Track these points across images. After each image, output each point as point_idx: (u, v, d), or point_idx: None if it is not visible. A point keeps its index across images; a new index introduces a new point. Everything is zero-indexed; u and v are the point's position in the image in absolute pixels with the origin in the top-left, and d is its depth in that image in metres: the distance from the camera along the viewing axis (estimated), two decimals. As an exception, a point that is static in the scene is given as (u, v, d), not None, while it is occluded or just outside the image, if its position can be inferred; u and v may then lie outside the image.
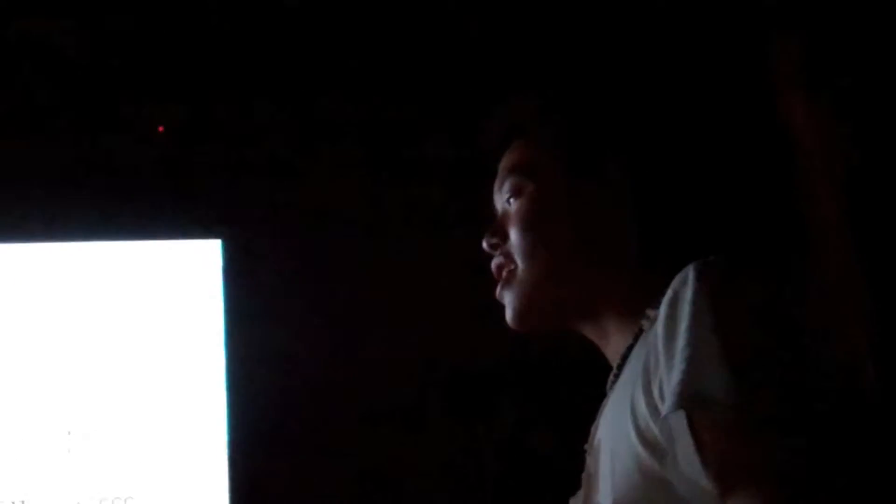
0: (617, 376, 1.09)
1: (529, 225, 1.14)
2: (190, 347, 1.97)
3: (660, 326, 0.94)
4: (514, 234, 1.15)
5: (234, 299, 1.99)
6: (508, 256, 1.16)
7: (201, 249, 2.00)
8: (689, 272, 0.94)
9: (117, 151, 2.08)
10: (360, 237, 2.16)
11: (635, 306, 1.07)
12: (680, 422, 0.88)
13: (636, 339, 1.06)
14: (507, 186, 1.17)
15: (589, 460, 1.11)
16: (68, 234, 1.98)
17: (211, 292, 1.98)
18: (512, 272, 1.16)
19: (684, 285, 0.93)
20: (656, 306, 1.01)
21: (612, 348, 1.13)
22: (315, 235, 2.15)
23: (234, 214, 2.09)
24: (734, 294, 0.92)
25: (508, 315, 1.16)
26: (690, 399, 0.87)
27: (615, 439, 1.01)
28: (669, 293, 0.95)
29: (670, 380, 0.90)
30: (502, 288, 1.17)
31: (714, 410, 0.86)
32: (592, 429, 1.12)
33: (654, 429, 0.92)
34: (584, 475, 1.13)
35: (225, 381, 1.96)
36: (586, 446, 1.13)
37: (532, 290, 1.14)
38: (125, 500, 1.90)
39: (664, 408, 0.90)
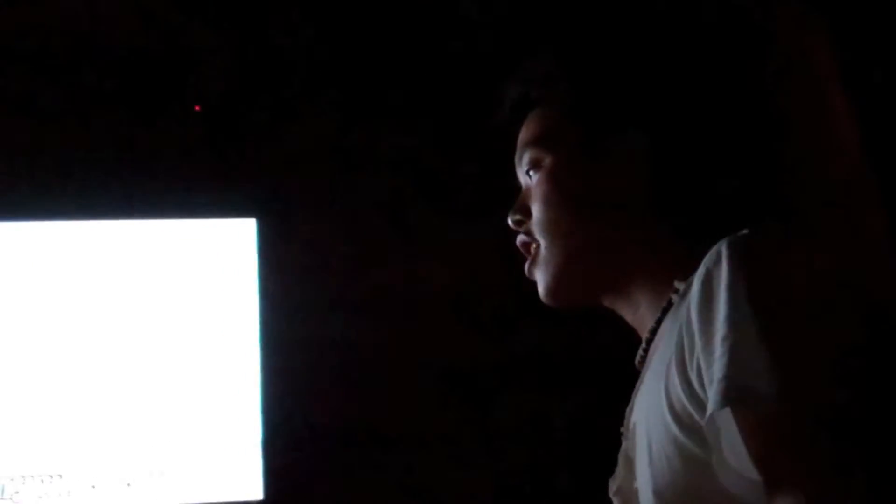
0: (646, 352, 1.07)
1: (549, 201, 1.10)
2: (224, 324, 1.98)
3: (693, 309, 0.90)
4: (535, 211, 1.12)
5: (268, 278, 2.00)
6: (531, 234, 1.13)
7: (236, 228, 2.01)
8: (723, 249, 0.89)
9: (154, 131, 2.09)
10: (394, 216, 2.17)
11: (664, 277, 1.04)
12: (726, 419, 0.86)
13: (664, 313, 1.03)
14: (525, 160, 1.13)
15: (625, 444, 1.08)
16: (107, 212, 1.99)
17: (245, 271, 1.99)
18: (538, 249, 1.12)
19: (717, 264, 0.89)
20: (683, 278, 0.99)
21: (642, 322, 1.10)
22: (349, 215, 2.16)
23: (268, 194, 2.10)
24: (771, 274, 0.87)
25: (540, 292, 1.13)
26: (735, 395, 0.84)
27: (650, 423, 0.98)
28: (702, 271, 0.90)
29: (712, 373, 0.86)
30: (530, 265, 1.14)
31: (758, 405, 0.83)
32: (627, 411, 1.09)
33: (692, 411, 0.89)
34: (620, 456, 1.10)
35: (259, 358, 1.97)
36: (622, 429, 1.11)
37: (558, 268, 1.10)
38: (160, 475, 1.93)
39: (710, 406, 0.86)
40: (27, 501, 1.87)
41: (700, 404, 0.88)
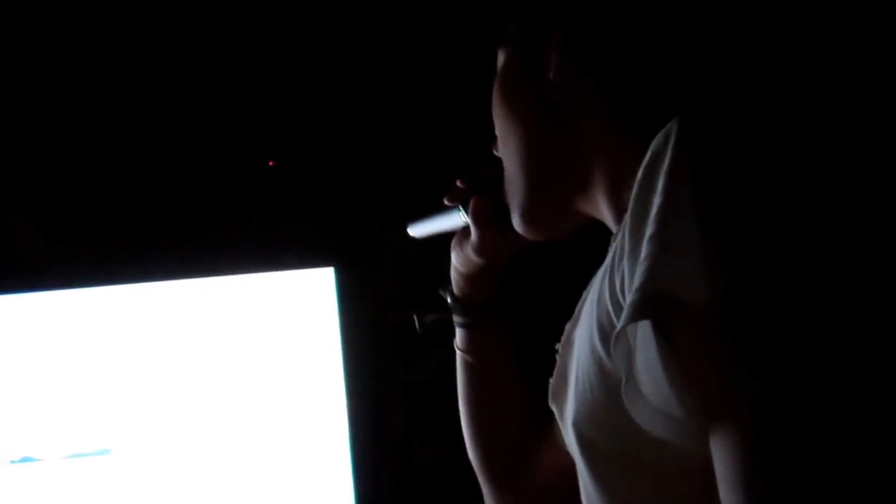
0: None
1: (497, 112, 0.99)
2: (309, 375, 1.98)
3: (631, 201, 0.73)
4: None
5: (350, 326, 1.99)
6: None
7: (315, 278, 2.01)
8: (672, 128, 0.71)
9: (227, 186, 2.12)
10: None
11: (622, 178, 0.88)
12: (642, 336, 0.68)
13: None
14: None
15: (560, 362, 0.95)
16: (182, 271, 2.01)
17: (326, 320, 1.99)
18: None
19: (665, 147, 0.71)
20: None
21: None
22: (426, 260, 2.14)
23: (345, 242, 2.10)
24: (730, 158, 0.68)
25: (515, 221, 1.00)
26: (652, 307, 0.66)
27: (581, 340, 0.84)
28: (648, 155, 0.73)
29: (633, 277, 0.69)
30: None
31: (688, 316, 0.64)
32: (568, 326, 0.96)
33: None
34: (551, 381, 0.97)
35: (346, 407, 1.96)
36: (558, 346, 0.97)
37: (520, 189, 0.98)
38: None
39: (621, 318, 0.69)
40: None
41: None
